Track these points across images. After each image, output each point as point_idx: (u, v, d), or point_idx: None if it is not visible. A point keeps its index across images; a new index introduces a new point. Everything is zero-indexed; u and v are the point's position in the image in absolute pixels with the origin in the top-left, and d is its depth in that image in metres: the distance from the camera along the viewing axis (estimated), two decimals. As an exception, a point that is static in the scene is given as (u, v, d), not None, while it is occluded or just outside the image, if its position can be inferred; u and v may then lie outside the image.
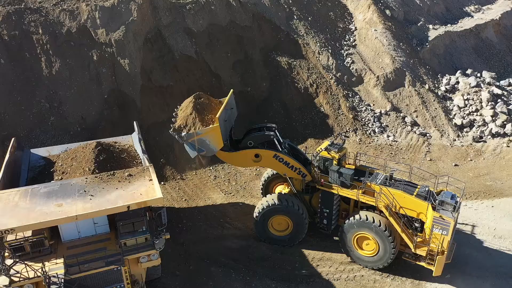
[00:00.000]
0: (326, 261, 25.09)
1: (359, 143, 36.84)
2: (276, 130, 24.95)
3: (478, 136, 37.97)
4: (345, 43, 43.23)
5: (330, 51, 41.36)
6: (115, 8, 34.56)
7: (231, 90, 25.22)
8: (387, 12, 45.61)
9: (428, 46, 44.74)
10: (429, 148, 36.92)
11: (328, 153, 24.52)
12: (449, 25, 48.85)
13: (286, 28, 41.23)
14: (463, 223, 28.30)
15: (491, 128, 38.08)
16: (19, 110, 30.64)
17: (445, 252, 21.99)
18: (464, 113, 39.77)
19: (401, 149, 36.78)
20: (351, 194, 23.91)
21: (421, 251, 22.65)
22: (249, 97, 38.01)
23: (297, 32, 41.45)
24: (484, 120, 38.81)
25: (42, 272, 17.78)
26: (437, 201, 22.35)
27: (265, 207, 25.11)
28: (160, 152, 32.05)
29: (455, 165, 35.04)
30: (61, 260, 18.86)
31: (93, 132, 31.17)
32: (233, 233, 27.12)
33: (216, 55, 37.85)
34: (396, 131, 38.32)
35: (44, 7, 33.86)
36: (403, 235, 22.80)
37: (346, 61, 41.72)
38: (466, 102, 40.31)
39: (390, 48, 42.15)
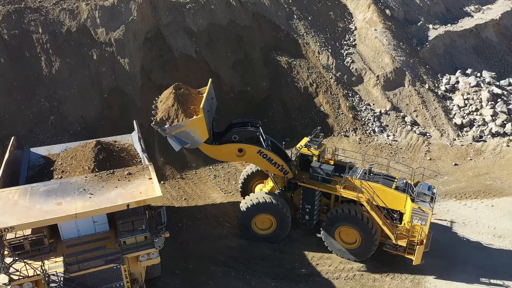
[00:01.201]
0: (325, 260, 25.08)
1: (359, 143, 36.84)
2: (260, 127, 24.86)
3: (478, 135, 37.96)
4: (345, 42, 43.24)
5: (330, 50, 41.36)
6: (115, 8, 34.59)
7: (210, 79, 24.77)
8: (387, 11, 45.62)
9: (428, 45, 44.74)
10: (429, 148, 36.92)
11: (308, 150, 24.84)
12: (449, 25, 48.86)
13: (286, 27, 41.24)
14: (463, 223, 28.31)
15: (491, 128, 38.07)
16: (19, 109, 30.66)
17: (424, 242, 22.65)
18: (464, 113, 39.77)
19: (401, 148, 36.77)
20: (333, 189, 24.26)
21: (401, 242, 23.21)
22: (249, 96, 38.02)
23: (297, 32, 41.46)
24: (484, 119, 38.81)
25: (41, 271, 17.76)
26: (415, 192, 23.09)
27: (249, 206, 25.03)
28: (160, 151, 32.05)
29: (455, 164, 35.04)
30: (60, 259, 18.86)
31: (93, 131, 31.17)
32: (233, 232, 27.09)
33: (216, 54, 37.86)
34: (396, 131, 38.32)
35: (44, 6, 33.88)
36: (384, 227, 23.33)
37: (346, 61, 41.73)
38: (466, 101, 40.30)
39: (390, 48, 42.15)
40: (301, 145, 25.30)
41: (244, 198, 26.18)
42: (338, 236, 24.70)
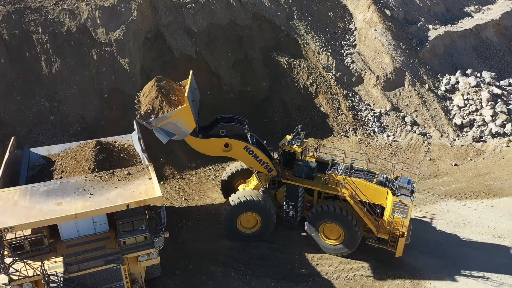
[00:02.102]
0: (325, 260, 25.08)
1: (359, 143, 36.84)
2: (246, 125, 24.84)
3: (478, 136, 37.96)
4: (345, 43, 43.24)
5: (330, 51, 41.36)
6: (115, 8, 34.59)
7: (191, 71, 24.52)
8: (387, 12, 45.62)
9: (428, 46, 44.74)
10: (429, 148, 36.91)
11: (291, 147, 25.02)
12: (449, 25, 48.87)
13: (286, 28, 41.24)
14: (463, 223, 28.30)
15: (491, 128, 38.07)
16: (19, 109, 30.67)
17: (405, 234, 23.13)
18: (464, 113, 39.77)
19: (401, 148, 36.77)
20: (316, 186, 24.59)
21: (384, 235, 23.80)
22: (249, 96, 38.03)
23: (297, 32, 41.46)
24: (484, 120, 38.81)
25: (41, 271, 17.76)
26: (395, 186, 23.74)
27: (234, 205, 24.95)
28: (159, 151, 32.03)
29: (455, 164, 35.03)
30: (60, 259, 18.86)
31: (92, 131, 31.17)
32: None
33: (216, 54, 37.86)
34: (396, 131, 38.31)
35: (44, 6, 33.89)
36: (367, 221, 23.85)
37: (346, 61, 41.73)
38: (466, 102, 40.31)
39: (390, 48, 42.15)
40: (284, 143, 25.48)
41: (227, 198, 26.20)
42: (321, 232, 25.08)
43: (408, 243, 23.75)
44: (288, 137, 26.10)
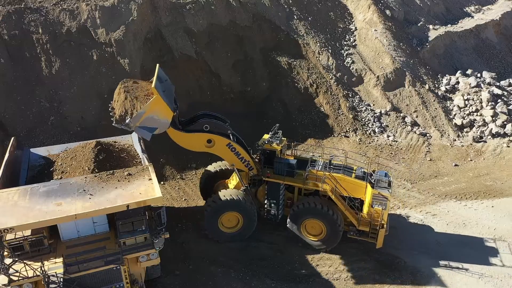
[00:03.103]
0: (325, 261, 25.06)
1: (359, 143, 36.82)
2: (228, 125, 24.76)
3: (478, 136, 37.94)
4: (345, 43, 43.22)
5: (330, 51, 41.34)
6: (115, 8, 34.58)
7: (157, 64, 24.05)
8: (387, 12, 45.61)
9: (428, 46, 44.72)
10: (429, 148, 36.90)
11: (271, 146, 25.20)
12: (449, 25, 48.85)
13: (286, 28, 41.23)
14: (463, 223, 28.29)
15: (491, 128, 38.05)
16: (19, 110, 30.65)
17: (385, 225, 23.92)
18: (464, 113, 39.75)
19: (401, 149, 36.76)
20: (298, 182, 24.85)
21: (364, 227, 24.52)
22: (249, 97, 38.02)
23: (297, 32, 41.44)
24: (484, 120, 38.79)
25: (41, 271, 17.76)
26: (373, 180, 24.32)
27: (216, 205, 24.86)
28: (159, 151, 32.01)
29: (455, 165, 35.02)
30: (60, 259, 18.85)
31: (92, 132, 31.12)
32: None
33: (216, 55, 37.85)
34: (396, 131, 38.30)
35: (44, 6, 33.88)
36: (349, 215, 24.49)
37: (346, 61, 41.71)
38: (466, 102, 40.29)
39: (390, 48, 42.14)
40: (263, 141, 25.58)
41: (206, 199, 26.09)
42: (303, 229, 25.30)
43: (387, 234, 24.59)
44: (266, 136, 26.18)
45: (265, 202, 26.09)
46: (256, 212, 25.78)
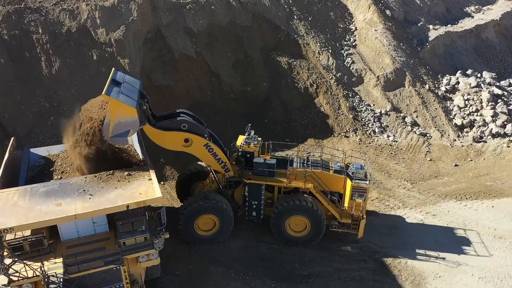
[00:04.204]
0: (325, 261, 25.04)
1: (359, 143, 36.81)
2: (206, 128, 24.57)
3: (478, 136, 37.93)
4: (345, 43, 43.20)
5: (330, 51, 41.33)
6: (115, 8, 34.54)
7: (113, 68, 23.81)
8: (387, 12, 45.59)
9: (428, 46, 44.71)
10: (429, 148, 36.88)
11: (249, 147, 25.29)
12: (449, 25, 48.83)
13: (286, 28, 41.20)
14: (463, 223, 28.27)
15: (491, 128, 38.04)
16: (18, 110, 30.61)
17: (365, 216, 25.04)
18: (464, 113, 39.74)
19: (401, 149, 36.74)
20: (281, 182, 25.10)
21: (346, 220, 25.31)
22: (249, 97, 38.01)
23: (297, 32, 41.42)
24: (484, 120, 38.78)
25: (41, 272, 17.71)
26: (351, 173, 25.14)
27: (192, 207, 24.51)
28: (159, 151, 31.93)
29: (455, 165, 35.00)
30: (60, 260, 18.80)
31: (92, 132, 31.07)
32: (233, 232, 26.99)
33: (216, 55, 37.83)
34: (396, 131, 38.28)
35: (44, 6, 33.84)
36: (331, 209, 25.26)
37: (346, 61, 41.69)
38: (466, 102, 40.27)
39: (390, 48, 42.12)
40: (241, 143, 25.51)
41: (183, 201, 25.87)
42: (288, 227, 25.44)
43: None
44: (242, 136, 26.05)
45: (246, 203, 25.95)
46: (233, 214, 25.52)
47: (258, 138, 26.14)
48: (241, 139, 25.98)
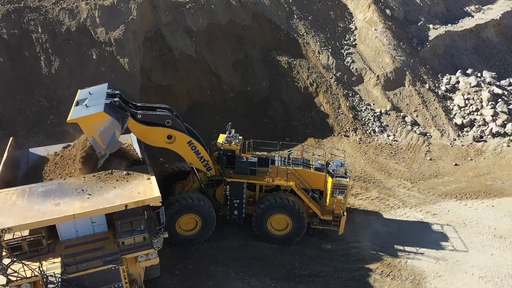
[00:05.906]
0: (325, 260, 25.02)
1: (359, 143, 36.74)
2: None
3: (479, 135, 37.87)
4: (345, 42, 43.12)
5: (330, 50, 41.26)
6: (114, 7, 34.51)
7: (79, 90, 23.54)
8: (387, 11, 45.50)
9: (428, 45, 44.61)
10: (429, 148, 36.82)
11: (230, 145, 25.16)
12: (449, 24, 48.72)
13: (286, 27, 41.14)
14: (463, 223, 28.22)
15: (492, 128, 37.98)
16: (18, 109, 30.59)
17: (345, 213, 25.22)
18: (465, 113, 39.67)
19: (401, 148, 36.68)
20: (263, 180, 25.16)
21: (327, 217, 25.40)
22: (249, 96, 37.98)
23: (297, 32, 41.35)
24: (484, 119, 38.71)
25: (39, 272, 17.68)
26: (331, 170, 25.30)
27: (173, 207, 24.27)
28: (159, 151, 31.90)
29: (456, 164, 34.94)
30: (58, 260, 18.75)
31: (92, 131, 31.03)
32: (232, 232, 26.98)
33: (216, 54, 37.79)
34: (396, 131, 38.22)
35: (43, 5, 33.81)
36: (312, 206, 25.32)
37: (346, 61, 41.61)
38: (467, 101, 40.20)
39: (390, 48, 42.05)
40: (223, 142, 25.29)
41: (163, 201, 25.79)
42: (269, 225, 25.49)
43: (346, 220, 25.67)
44: (223, 135, 25.83)
45: (227, 202, 25.79)
46: (215, 213, 25.39)
47: (239, 137, 25.95)
48: (222, 138, 25.66)
